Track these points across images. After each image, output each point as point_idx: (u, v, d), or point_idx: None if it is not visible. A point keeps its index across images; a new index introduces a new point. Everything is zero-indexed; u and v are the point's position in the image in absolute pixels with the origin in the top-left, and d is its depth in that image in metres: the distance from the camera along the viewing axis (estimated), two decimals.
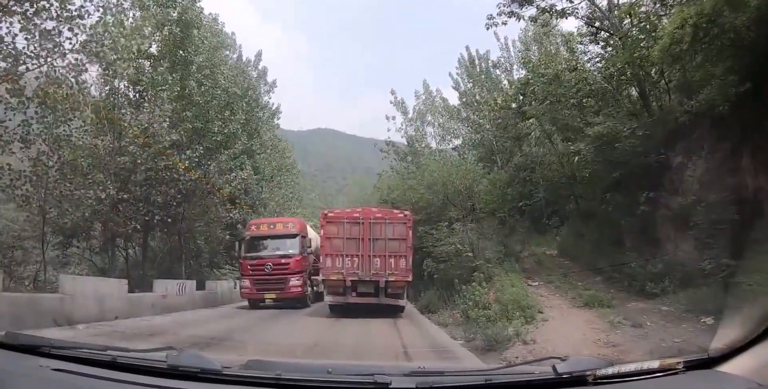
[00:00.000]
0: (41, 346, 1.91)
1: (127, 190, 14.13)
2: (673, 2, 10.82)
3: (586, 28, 14.22)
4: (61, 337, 2.55)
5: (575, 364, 1.71)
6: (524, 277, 12.09)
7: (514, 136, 21.05)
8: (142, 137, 13.84)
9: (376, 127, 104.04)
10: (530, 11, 13.20)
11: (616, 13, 12.69)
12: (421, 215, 15.28)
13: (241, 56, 26.09)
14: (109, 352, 1.90)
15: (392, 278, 11.60)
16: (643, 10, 11.87)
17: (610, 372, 1.67)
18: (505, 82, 24.94)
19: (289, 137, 36.53)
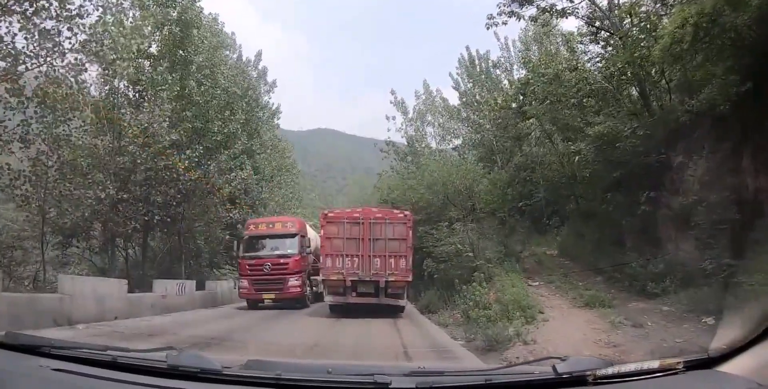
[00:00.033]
0: (41, 346, 1.91)
1: (126, 190, 14.09)
2: (673, 2, 10.82)
3: (586, 27, 14.22)
4: (60, 337, 2.55)
5: (575, 364, 1.72)
6: (525, 277, 12.07)
7: (514, 136, 21.02)
8: (141, 137, 13.80)
9: (376, 127, 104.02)
10: (530, 11, 13.22)
11: (616, 12, 12.70)
12: (421, 215, 15.27)
13: (241, 56, 26.18)
14: (109, 352, 1.89)
15: (392, 279, 11.61)
16: (643, 9, 11.88)
17: (610, 372, 1.67)
18: (505, 82, 24.94)
19: (289, 137, 36.52)
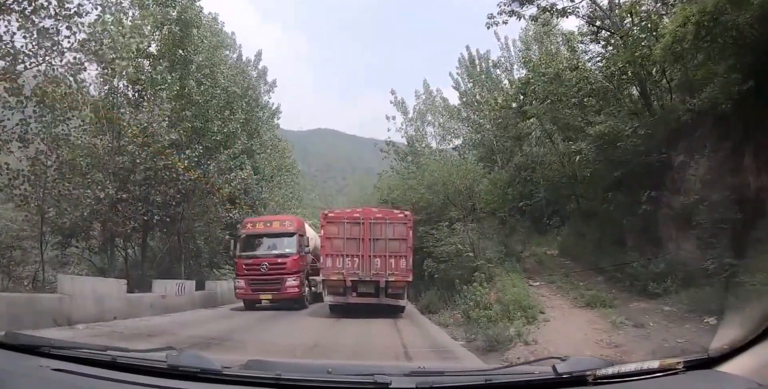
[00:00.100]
0: (41, 346, 1.91)
1: (126, 189, 14.04)
2: (674, 1, 10.80)
3: (587, 27, 14.19)
4: (60, 337, 2.56)
5: (575, 364, 1.71)
6: (525, 277, 12.04)
7: (514, 135, 20.98)
8: (141, 137, 13.75)
9: (376, 127, 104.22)
10: (531, 10, 13.17)
11: (617, 12, 12.67)
12: (421, 215, 15.25)
13: (241, 56, 26.17)
14: (109, 352, 1.89)
15: (392, 279, 11.60)
16: (644, 9, 11.86)
17: (610, 372, 1.67)
18: (505, 81, 24.90)
19: (289, 137, 36.52)
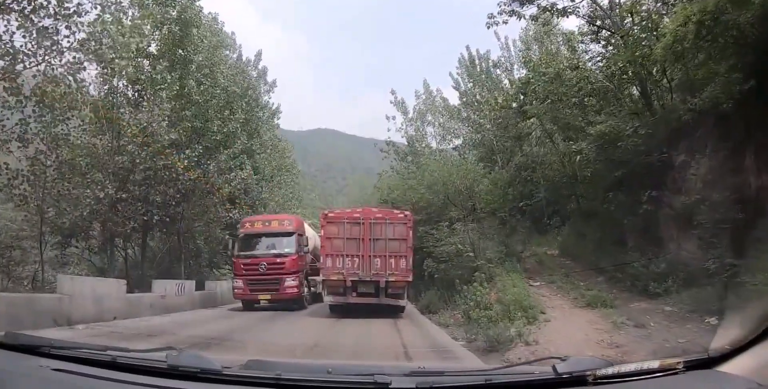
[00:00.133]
0: (41, 346, 1.91)
1: (125, 189, 14.01)
2: (674, 1, 10.78)
3: (587, 26, 14.18)
4: (60, 337, 2.55)
5: (575, 364, 1.71)
6: (526, 277, 12.02)
7: (514, 135, 20.97)
8: (140, 136, 13.72)
9: (376, 127, 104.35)
10: (531, 10, 13.18)
11: (617, 11, 12.65)
12: (421, 215, 15.23)
13: (240, 56, 26.13)
14: (109, 352, 1.89)
15: (392, 279, 11.58)
16: (644, 8, 11.84)
17: (610, 372, 1.67)
18: (505, 81, 24.87)
19: (289, 137, 36.48)
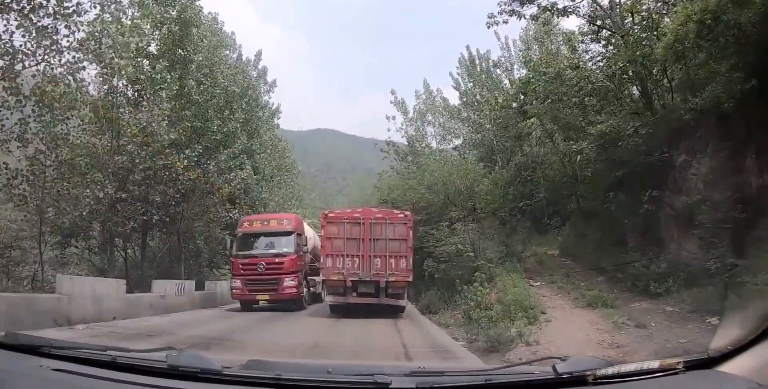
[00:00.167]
0: (41, 346, 1.90)
1: (125, 189, 13.98)
2: (675, 0, 10.76)
3: (587, 26, 14.15)
4: (60, 337, 2.55)
5: (575, 364, 1.71)
6: (526, 277, 11.99)
7: (515, 135, 20.94)
8: (140, 136, 13.69)
9: (376, 127, 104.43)
10: (531, 9, 13.15)
11: (618, 11, 12.63)
12: (421, 215, 15.22)
13: (240, 56, 26.10)
14: (109, 352, 1.89)
15: (393, 279, 11.57)
16: (645, 8, 11.82)
17: (610, 372, 1.67)
18: (505, 81, 24.88)
19: (289, 137, 36.46)
